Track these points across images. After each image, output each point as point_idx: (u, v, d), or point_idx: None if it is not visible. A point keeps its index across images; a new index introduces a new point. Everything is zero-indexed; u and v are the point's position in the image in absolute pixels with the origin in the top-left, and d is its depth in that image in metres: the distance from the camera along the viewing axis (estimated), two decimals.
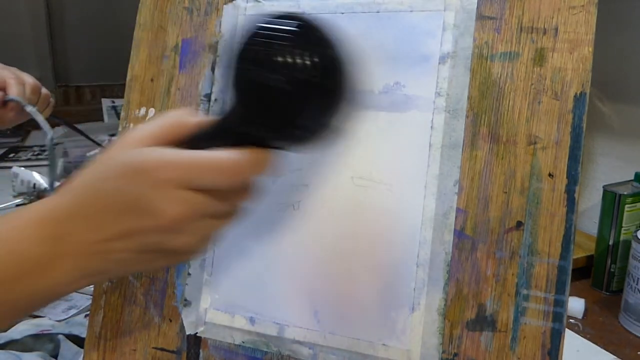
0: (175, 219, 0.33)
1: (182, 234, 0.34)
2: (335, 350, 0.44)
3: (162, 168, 0.33)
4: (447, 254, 0.42)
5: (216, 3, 0.52)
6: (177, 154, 0.34)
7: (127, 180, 0.33)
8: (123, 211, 0.33)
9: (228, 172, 0.33)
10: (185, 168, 0.33)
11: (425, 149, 0.44)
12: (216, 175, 0.33)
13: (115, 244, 0.34)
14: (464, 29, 0.44)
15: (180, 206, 0.33)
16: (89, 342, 0.52)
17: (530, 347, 0.40)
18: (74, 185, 0.36)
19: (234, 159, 0.33)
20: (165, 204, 0.33)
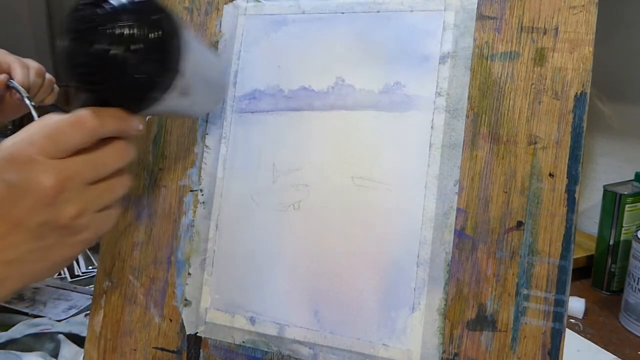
0: (52, 188, 0.33)
1: (67, 204, 0.34)
2: (336, 350, 0.44)
3: (25, 146, 0.34)
4: (447, 254, 0.42)
5: (216, 3, 0.52)
6: (37, 128, 0.35)
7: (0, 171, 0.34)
8: (3, 203, 0.34)
9: (83, 122, 0.34)
10: (47, 134, 0.34)
11: (426, 149, 0.44)
12: (74, 128, 0.34)
13: (7, 239, 0.34)
14: (464, 29, 0.44)
15: (54, 174, 0.33)
16: (89, 342, 0.52)
17: (530, 347, 0.40)
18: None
19: (81, 112, 0.35)
20: (38, 177, 0.33)
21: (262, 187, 0.48)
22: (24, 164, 0.33)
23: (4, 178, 0.33)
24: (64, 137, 0.34)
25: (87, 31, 0.34)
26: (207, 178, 0.50)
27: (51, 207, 0.34)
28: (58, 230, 0.35)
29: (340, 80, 0.47)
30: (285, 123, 0.48)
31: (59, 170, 0.34)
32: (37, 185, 0.33)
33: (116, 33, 0.34)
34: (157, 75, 0.36)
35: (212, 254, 0.49)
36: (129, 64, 0.34)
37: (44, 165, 0.33)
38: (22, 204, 0.33)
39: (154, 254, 0.51)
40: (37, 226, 0.34)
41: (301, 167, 0.47)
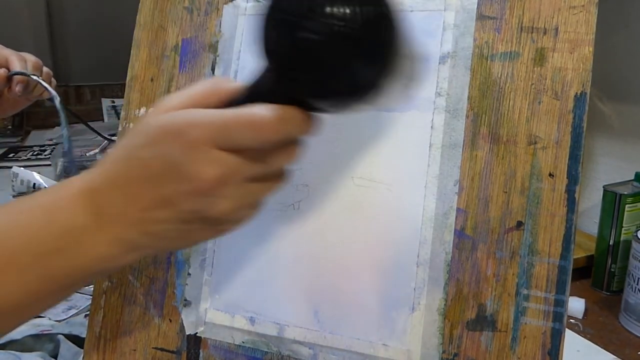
0: (212, 181, 0.31)
1: (222, 199, 0.32)
2: (335, 350, 0.44)
3: (194, 127, 0.31)
4: (447, 254, 0.42)
5: (216, 3, 0.52)
6: (209, 113, 0.32)
7: (161, 144, 0.32)
8: (159, 178, 0.32)
9: (261, 127, 0.31)
10: (218, 125, 0.31)
11: (426, 149, 0.44)
12: (249, 130, 0.31)
13: (154, 213, 0.33)
14: (464, 29, 0.44)
15: (216, 168, 0.31)
16: (89, 342, 0.52)
17: (530, 347, 0.40)
18: (111, 155, 0.35)
19: (266, 114, 0.31)
20: (200, 165, 0.31)
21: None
22: (189, 147, 0.31)
23: (165, 152, 0.32)
24: (236, 135, 0.31)
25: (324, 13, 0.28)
26: None
27: (206, 198, 0.32)
28: (205, 219, 0.34)
29: None
30: None
31: (224, 164, 0.31)
32: (199, 175, 0.31)
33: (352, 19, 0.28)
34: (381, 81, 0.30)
35: (212, 254, 0.49)
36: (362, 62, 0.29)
37: (211, 155, 0.31)
38: (180, 187, 0.32)
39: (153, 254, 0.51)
40: (187, 212, 0.33)
41: (301, 167, 0.47)
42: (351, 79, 0.30)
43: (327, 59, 0.29)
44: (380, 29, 0.29)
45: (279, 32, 0.30)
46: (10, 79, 0.73)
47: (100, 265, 0.34)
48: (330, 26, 0.28)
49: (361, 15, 0.28)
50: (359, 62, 0.29)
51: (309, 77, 0.30)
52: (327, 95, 0.31)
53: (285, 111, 0.31)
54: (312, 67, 0.29)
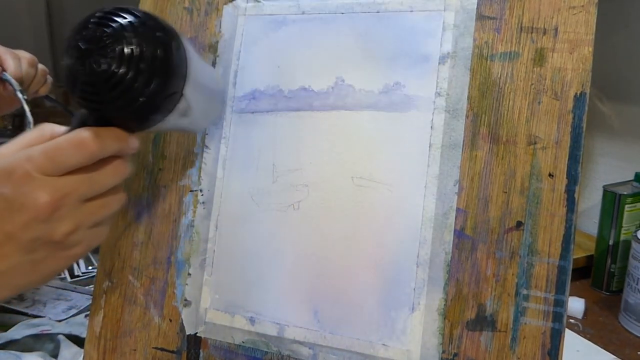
0: (47, 206, 0.34)
1: (61, 222, 0.34)
2: (335, 350, 0.44)
3: (23, 162, 0.34)
4: (447, 254, 0.42)
5: (216, 3, 0.52)
6: (37, 146, 0.35)
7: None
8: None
9: (83, 144, 0.34)
10: (45, 153, 0.34)
11: (425, 149, 0.44)
12: (73, 149, 0.34)
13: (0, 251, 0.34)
14: (464, 29, 0.44)
15: (49, 192, 0.34)
16: (89, 342, 0.52)
17: (530, 347, 0.40)
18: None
19: (86, 132, 0.35)
20: (33, 194, 0.33)
21: (262, 187, 0.48)
22: (20, 179, 0.34)
23: (0, 191, 0.34)
24: (63, 157, 0.34)
25: (92, 50, 0.34)
26: (207, 178, 0.50)
27: (45, 223, 0.34)
28: (50, 245, 0.35)
29: (340, 80, 0.47)
30: (285, 123, 0.48)
31: (55, 188, 0.34)
32: (33, 202, 0.33)
33: (123, 54, 0.33)
34: (161, 98, 0.36)
35: (212, 254, 0.49)
36: (135, 86, 0.34)
37: (41, 182, 0.34)
38: (16, 218, 0.34)
39: (153, 254, 0.51)
40: (29, 241, 0.34)
41: (301, 167, 0.47)
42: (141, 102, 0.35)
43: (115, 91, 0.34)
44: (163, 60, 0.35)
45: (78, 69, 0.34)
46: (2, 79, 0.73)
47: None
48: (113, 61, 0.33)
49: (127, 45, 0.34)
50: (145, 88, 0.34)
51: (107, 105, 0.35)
52: (124, 119, 0.37)
53: (103, 130, 0.36)
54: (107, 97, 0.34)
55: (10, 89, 0.72)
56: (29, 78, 0.75)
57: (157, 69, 0.34)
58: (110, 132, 0.36)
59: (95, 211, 0.37)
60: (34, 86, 0.77)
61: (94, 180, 0.36)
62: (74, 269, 0.91)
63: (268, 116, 0.48)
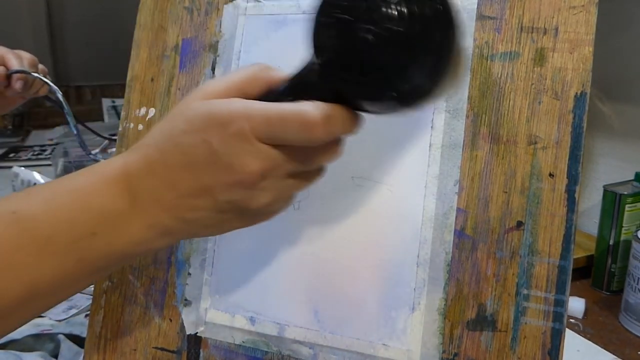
0: (254, 174, 0.31)
1: (262, 192, 0.32)
2: (336, 350, 0.44)
3: (243, 119, 0.31)
4: (447, 254, 0.42)
5: (216, 3, 0.52)
6: (258, 105, 0.31)
7: (204, 133, 0.31)
8: (199, 166, 0.32)
9: (311, 126, 0.31)
10: (264, 118, 0.31)
11: (426, 149, 0.44)
12: (299, 128, 0.31)
13: (192, 201, 0.33)
14: (464, 29, 0.44)
15: (260, 161, 0.31)
16: (89, 342, 0.52)
17: (530, 347, 0.40)
18: (148, 139, 0.34)
19: (316, 112, 0.31)
20: (246, 158, 0.31)
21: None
22: (234, 137, 0.31)
23: (208, 141, 0.31)
24: (284, 131, 0.31)
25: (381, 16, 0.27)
26: None
27: (247, 190, 0.32)
28: (243, 210, 0.33)
29: None
30: None
31: (268, 158, 0.31)
32: (241, 167, 0.31)
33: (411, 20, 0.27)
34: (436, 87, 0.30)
35: (212, 254, 0.49)
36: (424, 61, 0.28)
37: (255, 148, 0.31)
38: (221, 177, 0.32)
39: (154, 253, 0.51)
40: (226, 202, 0.33)
41: None
42: (406, 83, 0.29)
43: (384, 62, 0.28)
44: (439, 29, 0.28)
45: (333, 30, 0.29)
46: (9, 77, 0.74)
47: (134, 248, 0.34)
48: (388, 28, 0.27)
49: (420, 15, 0.27)
50: (417, 66, 0.28)
51: (362, 79, 0.29)
52: (380, 98, 0.30)
53: (334, 110, 0.31)
54: (368, 69, 0.28)
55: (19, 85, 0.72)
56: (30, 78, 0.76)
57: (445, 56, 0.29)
58: (341, 115, 0.31)
59: (296, 186, 0.34)
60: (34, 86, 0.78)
61: (307, 159, 0.33)
62: None
63: None
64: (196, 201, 0.33)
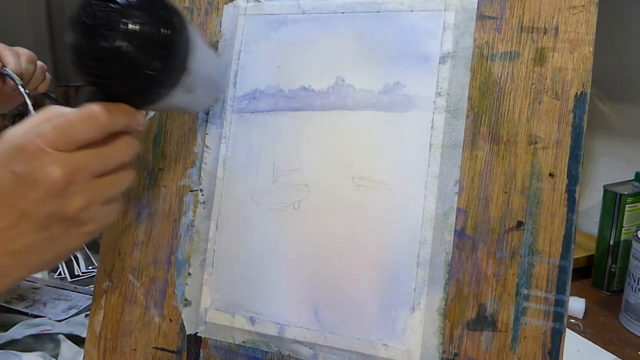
0: (59, 180, 0.33)
1: (73, 196, 0.34)
2: (336, 350, 0.44)
3: (35, 138, 0.34)
4: (447, 254, 0.42)
5: (216, 3, 0.52)
6: (47, 122, 0.35)
7: (7, 162, 0.34)
8: (11, 195, 0.34)
9: (94, 118, 0.34)
10: (56, 127, 0.34)
11: (426, 149, 0.44)
12: (84, 123, 0.34)
13: (12, 231, 0.34)
14: (464, 29, 0.44)
15: (63, 166, 0.33)
16: (89, 342, 0.52)
17: (530, 347, 0.40)
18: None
19: (96, 107, 0.35)
20: (46, 169, 0.33)
21: (262, 187, 0.48)
22: (32, 155, 0.33)
23: (12, 169, 0.34)
24: (75, 131, 0.34)
25: (99, 27, 0.34)
26: (207, 178, 0.50)
27: (58, 198, 0.34)
28: (64, 221, 0.35)
29: (340, 80, 0.47)
30: (285, 123, 0.48)
31: (67, 162, 0.34)
32: (45, 177, 0.33)
33: (129, 29, 0.34)
34: (166, 71, 0.37)
35: (212, 254, 0.49)
36: (140, 60, 0.35)
37: (53, 157, 0.33)
38: (30, 195, 0.33)
39: (154, 254, 0.51)
40: (44, 217, 0.34)
41: (301, 167, 0.47)
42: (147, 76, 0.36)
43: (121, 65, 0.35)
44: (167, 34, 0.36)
45: (84, 45, 0.35)
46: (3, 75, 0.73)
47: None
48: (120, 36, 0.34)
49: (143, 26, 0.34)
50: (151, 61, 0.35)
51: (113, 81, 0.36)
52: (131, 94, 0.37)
53: (111, 104, 0.36)
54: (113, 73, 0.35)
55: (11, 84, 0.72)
56: (28, 74, 0.75)
57: (162, 44, 0.35)
58: (118, 107, 0.36)
59: (107, 187, 0.37)
60: (33, 82, 0.77)
61: (105, 155, 0.36)
62: (74, 268, 0.91)
63: (268, 116, 0.48)
64: (17, 229, 0.34)
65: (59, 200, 0.34)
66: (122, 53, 0.34)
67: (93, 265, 0.92)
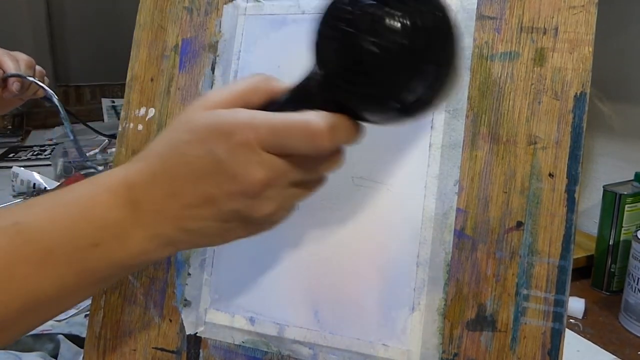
0: (258, 184, 0.31)
1: (266, 201, 0.32)
2: (335, 350, 0.44)
3: (248, 129, 0.31)
4: (447, 254, 0.42)
5: (216, 3, 0.52)
6: (263, 115, 0.32)
7: (209, 143, 0.32)
8: (205, 176, 0.32)
9: (316, 135, 0.31)
10: (273, 129, 0.31)
11: (425, 149, 0.44)
12: (305, 138, 0.31)
13: (196, 211, 0.33)
14: (464, 29, 0.44)
15: (264, 170, 0.31)
16: (89, 342, 0.52)
17: (530, 347, 0.40)
18: (151, 149, 0.34)
19: (320, 122, 0.31)
20: (249, 167, 0.31)
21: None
22: (240, 147, 0.31)
23: (215, 151, 0.31)
24: (289, 141, 0.31)
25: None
26: None
27: (251, 200, 0.32)
28: (246, 220, 0.33)
29: None
30: None
31: (272, 167, 0.31)
32: (246, 176, 0.31)
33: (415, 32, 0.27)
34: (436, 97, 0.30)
35: (212, 254, 0.49)
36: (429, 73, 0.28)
37: (260, 158, 0.31)
38: (224, 186, 0.32)
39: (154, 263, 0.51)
40: (229, 212, 0.33)
41: None
42: (409, 94, 0.29)
43: (388, 74, 0.28)
44: (440, 40, 0.29)
45: (337, 43, 0.29)
46: (5, 79, 0.73)
47: (136, 259, 0.34)
48: (393, 41, 0.27)
49: (423, 27, 0.28)
50: (420, 77, 0.29)
51: (365, 91, 0.29)
52: (382, 110, 0.31)
53: (338, 120, 0.31)
54: (371, 81, 0.29)
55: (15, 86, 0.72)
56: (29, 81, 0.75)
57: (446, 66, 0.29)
58: (344, 124, 0.32)
59: (298, 195, 0.34)
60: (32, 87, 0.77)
61: (311, 168, 0.33)
62: None
63: None
64: (200, 211, 0.33)
65: (251, 202, 0.32)
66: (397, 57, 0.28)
67: None
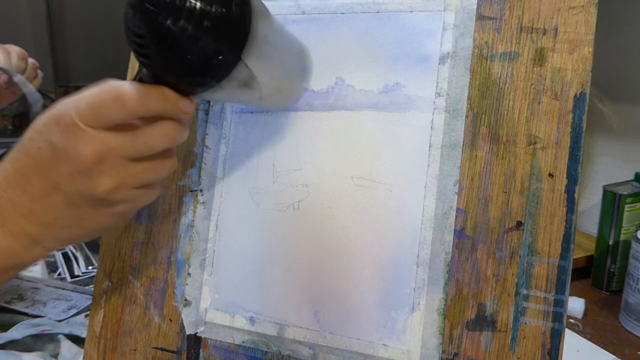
0: (90, 159, 0.33)
1: (103, 177, 0.34)
2: (335, 350, 0.44)
3: (71, 110, 0.33)
4: (447, 254, 0.42)
5: None
6: (86, 93, 0.34)
7: (45, 133, 0.34)
8: (46, 165, 0.34)
9: (124, 99, 0.33)
10: (90, 104, 0.33)
11: (425, 149, 0.44)
12: (114, 105, 0.33)
13: (45, 201, 0.34)
14: (464, 29, 0.44)
15: (92, 145, 0.33)
16: (89, 342, 0.52)
17: (530, 347, 0.40)
18: (8, 154, 0.36)
19: (129, 88, 0.34)
20: (78, 144, 0.33)
21: (262, 187, 0.48)
22: (67, 128, 0.33)
23: (49, 138, 0.34)
24: (104, 111, 0.33)
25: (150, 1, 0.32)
26: (207, 178, 0.50)
27: (87, 177, 0.34)
28: (92, 200, 0.35)
29: (340, 80, 0.47)
30: (285, 123, 0.48)
31: (98, 141, 0.33)
32: (76, 153, 0.33)
33: (176, 4, 0.31)
34: (211, 60, 0.33)
35: (212, 254, 0.49)
36: (182, 42, 0.32)
37: (84, 134, 0.33)
38: (62, 169, 0.34)
39: (153, 254, 0.51)
40: (73, 193, 0.34)
41: (301, 167, 0.47)
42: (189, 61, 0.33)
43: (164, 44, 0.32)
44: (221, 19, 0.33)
45: (132, 18, 0.33)
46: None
47: (5, 261, 0.36)
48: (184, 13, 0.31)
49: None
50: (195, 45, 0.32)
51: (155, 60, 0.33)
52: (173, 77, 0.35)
53: (148, 87, 0.34)
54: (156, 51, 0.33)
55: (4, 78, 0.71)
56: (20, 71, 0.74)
57: (208, 26, 0.32)
58: (155, 90, 0.34)
59: (141, 172, 0.36)
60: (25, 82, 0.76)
61: (139, 139, 0.35)
62: (74, 268, 0.91)
63: (268, 116, 0.48)
64: (49, 200, 0.34)
65: (87, 179, 0.34)
66: (162, 30, 0.31)
67: (93, 265, 0.92)
